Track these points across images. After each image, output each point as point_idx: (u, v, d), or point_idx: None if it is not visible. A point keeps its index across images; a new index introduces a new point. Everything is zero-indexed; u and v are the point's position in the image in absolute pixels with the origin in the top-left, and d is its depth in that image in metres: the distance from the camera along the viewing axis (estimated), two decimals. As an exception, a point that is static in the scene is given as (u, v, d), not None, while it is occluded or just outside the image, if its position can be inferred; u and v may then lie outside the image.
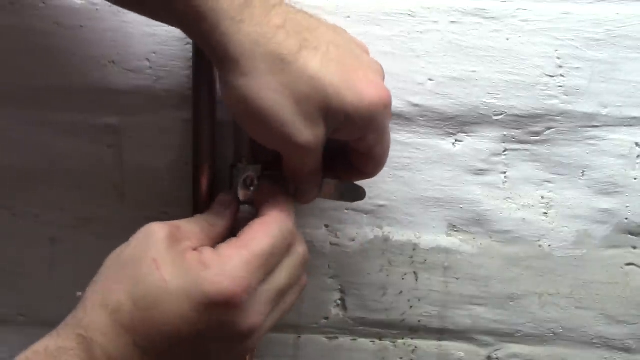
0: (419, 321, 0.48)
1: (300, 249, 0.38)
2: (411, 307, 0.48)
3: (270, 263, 0.36)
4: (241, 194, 0.41)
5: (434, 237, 0.48)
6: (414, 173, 0.47)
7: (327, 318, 0.48)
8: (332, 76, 0.34)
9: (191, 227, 0.37)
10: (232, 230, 0.39)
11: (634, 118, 0.46)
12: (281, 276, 0.37)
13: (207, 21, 0.33)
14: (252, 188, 0.41)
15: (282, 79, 0.34)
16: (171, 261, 0.34)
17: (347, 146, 0.39)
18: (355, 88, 0.35)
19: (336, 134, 0.37)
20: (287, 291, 0.38)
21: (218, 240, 0.38)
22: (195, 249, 0.36)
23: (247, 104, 0.34)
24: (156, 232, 0.35)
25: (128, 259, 0.35)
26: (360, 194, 0.43)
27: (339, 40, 0.37)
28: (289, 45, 0.34)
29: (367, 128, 0.36)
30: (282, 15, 0.34)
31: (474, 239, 0.48)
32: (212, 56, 0.35)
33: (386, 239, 0.48)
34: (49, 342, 0.33)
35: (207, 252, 0.35)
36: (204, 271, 0.33)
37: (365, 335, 0.49)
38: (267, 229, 0.36)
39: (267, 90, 0.34)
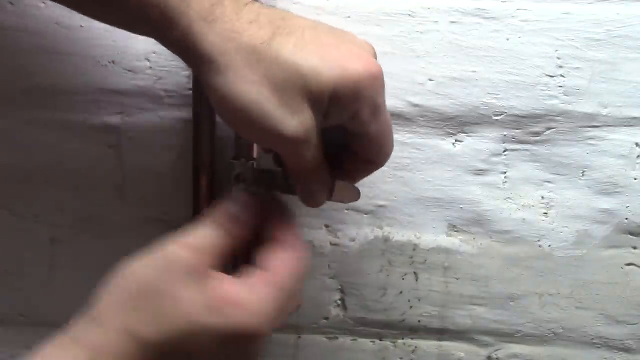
0: (419, 321, 0.48)
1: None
2: (411, 307, 0.48)
3: (292, 293, 0.36)
4: (234, 191, 0.40)
5: (434, 237, 0.48)
6: (414, 173, 0.47)
7: (327, 318, 0.48)
8: (308, 57, 0.33)
9: (209, 244, 0.35)
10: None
11: (634, 118, 0.46)
12: (294, 297, 0.37)
13: (180, 26, 0.32)
14: (242, 185, 0.40)
15: (258, 70, 0.33)
16: (201, 299, 0.32)
17: (347, 135, 0.37)
18: (336, 63, 0.33)
19: (328, 119, 0.35)
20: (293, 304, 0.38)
21: (237, 246, 0.36)
22: (212, 275, 0.34)
23: (227, 103, 0.33)
24: (179, 261, 0.33)
25: (149, 286, 0.33)
26: (352, 194, 0.41)
27: (317, 25, 0.35)
28: (261, 34, 0.33)
29: (356, 102, 0.34)
30: (255, 10, 0.34)
31: (474, 239, 0.48)
32: (189, 61, 0.34)
33: (386, 239, 0.48)
34: None
35: (235, 288, 0.34)
36: (234, 312, 0.33)
37: (365, 335, 0.49)
38: (296, 263, 0.36)
39: (244, 85, 0.33)
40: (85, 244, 0.47)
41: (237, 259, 0.38)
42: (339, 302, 0.48)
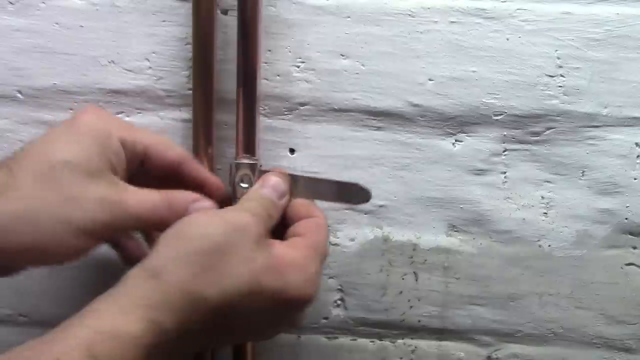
0: (419, 321, 0.48)
1: None
2: (411, 307, 0.48)
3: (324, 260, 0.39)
4: (238, 192, 0.41)
5: (434, 237, 0.48)
6: (414, 173, 0.47)
7: (327, 318, 0.48)
8: None
9: (264, 217, 0.37)
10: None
11: (634, 118, 0.46)
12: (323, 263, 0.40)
13: None
14: (246, 186, 0.40)
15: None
16: (265, 261, 0.34)
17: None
18: None
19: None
20: None
21: (270, 232, 0.38)
22: (274, 245, 0.36)
23: None
24: (249, 228, 0.35)
25: (218, 248, 0.33)
26: (363, 195, 0.41)
27: None
28: None
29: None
30: None
31: (474, 239, 0.48)
32: None
33: (386, 239, 0.48)
34: (115, 322, 0.30)
35: (292, 252, 0.36)
36: (292, 275, 0.35)
37: (365, 335, 0.49)
38: (326, 232, 0.39)
39: None
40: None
41: None
42: (339, 302, 0.48)
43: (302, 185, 0.41)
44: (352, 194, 0.41)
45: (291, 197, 0.40)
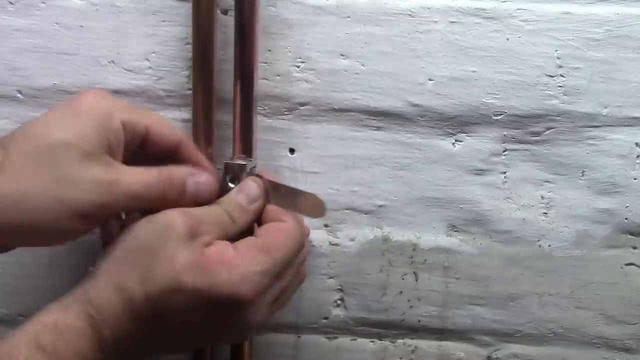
0: (419, 321, 0.48)
1: (306, 247, 0.40)
2: (411, 307, 0.48)
3: (285, 270, 0.37)
4: (225, 190, 0.40)
5: (434, 237, 0.48)
6: (414, 173, 0.47)
7: (327, 318, 0.48)
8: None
9: (211, 221, 0.36)
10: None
11: (634, 118, 0.46)
12: (288, 276, 0.38)
13: None
14: (234, 186, 0.40)
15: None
16: (189, 259, 0.34)
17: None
18: None
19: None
20: (290, 287, 0.39)
21: (235, 237, 0.37)
22: (212, 243, 0.35)
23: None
24: (176, 226, 0.34)
25: (145, 245, 0.34)
26: (318, 208, 0.39)
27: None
28: None
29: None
30: None
31: (474, 239, 0.48)
32: None
33: (386, 239, 0.48)
34: (57, 317, 0.33)
35: (228, 249, 0.35)
36: (224, 272, 0.34)
37: (365, 335, 0.49)
38: (290, 237, 0.37)
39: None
40: (85, 244, 0.47)
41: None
42: (339, 302, 0.48)
43: (280, 194, 0.39)
44: (310, 207, 0.39)
45: (269, 203, 0.39)
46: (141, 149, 0.38)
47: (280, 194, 0.39)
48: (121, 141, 0.36)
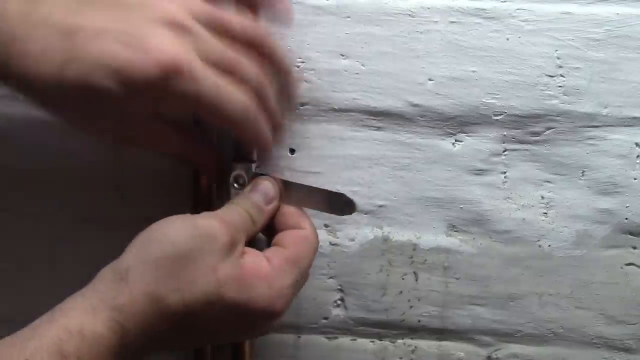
0: (419, 321, 0.48)
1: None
2: (411, 307, 0.48)
3: (305, 278, 0.38)
4: (232, 194, 0.41)
5: (434, 237, 0.48)
6: (414, 173, 0.47)
7: (327, 318, 0.48)
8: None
9: (241, 227, 0.36)
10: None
11: (634, 118, 0.46)
12: (305, 277, 0.39)
13: None
14: (239, 187, 0.40)
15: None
16: (230, 272, 0.34)
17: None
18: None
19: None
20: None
21: (253, 238, 0.38)
22: (245, 252, 0.35)
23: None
24: (218, 237, 0.34)
25: (186, 254, 0.33)
26: (349, 207, 0.40)
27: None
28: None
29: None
30: None
31: (474, 239, 0.48)
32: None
33: (386, 239, 0.48)
34: (83, 322, 0.31)
35: (263, 262, 0.35)
36: (262, 287, 0.34)
37: (365, 335, 0.49)
38: (311, 246, 0.38)
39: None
40: (85, 244, 0.47)
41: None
42: (339, 302, 0.48)
43: (293, 192, 0.40)
44: (339, 205, 0.40)
45: (281, 203, 0.40)
46: None
47: (294, 193, 0.40)
48: None
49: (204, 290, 0.33)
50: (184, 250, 0.33)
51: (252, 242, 0.38)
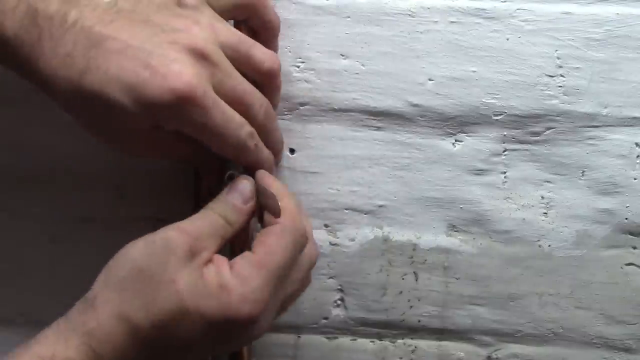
0: (419, 321, 0.48)
1: (310, 251, 0.39)
2: (411, 307, 0.48)
3: (285, 275, 0.36)
4: None
5: (434, 237, 0.48)
6: (414, 173, 0.47)
7: (327, 318, 0.48)
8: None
9: (209, 233, 0.35)
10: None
11: (634, 118, 0.46)
12: (292, 283, 0.37)
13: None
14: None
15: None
16: (191, 283, 0.33)
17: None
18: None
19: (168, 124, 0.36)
20: (296, 291, 0.39)
21: (230, 239, 0.37)
22: (211, 260, 0.35)
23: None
24: (176, 247, 0.33)
25: (145, 271, 0.33)
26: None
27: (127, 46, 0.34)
28: (74, 71, 0.34)
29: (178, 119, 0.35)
30: (72, 40, 0.34)
31: (474, 239, 0.48)
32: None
33: (386, 239, 0.48)
34: (55, 349, 0.31)
35: (226, 271, 0.34)
36: (226, 296, 0.33)
37: (365, 335, 0.49)
38: (283, 241, 0.36)
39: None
40: (85, 244, 0.47)
41: (236, 245, 0.39)
42: (339, 302, 0.48)
43: (263, 196, 0.38)
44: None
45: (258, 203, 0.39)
46: None
47: (263, 196, 0.38)
48: None
49: (166, 304, 0.32)
50: (143, 267, 0.33)
51: (246, 242, 0.38)
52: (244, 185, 0.38)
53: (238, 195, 0.38)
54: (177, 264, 0.33)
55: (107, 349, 0.32)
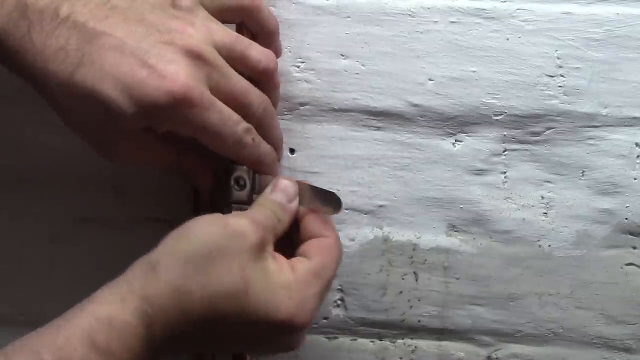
0: (419, 321, 0.48)
1: None
2: (411, 307, 0.48)
3: (328, 289, 0.38)
4: (233, 195, 0.40)
5: (434, 237, 0.48)
6: (414, 173, 0.47)
7: (327, 318, 0.48)
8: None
9: (269, 227, 0.36)
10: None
11: (634, 118, 0.46)
12: (328, 288, 0.39)
13: None
14: (239, 188, 0.40)
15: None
16: (256, 275, 0.34)
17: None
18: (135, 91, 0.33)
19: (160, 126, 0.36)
20: None
21: (280, 236, 0.38)
22: (273, 256, 0.36)
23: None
24: (248, 236, 0.34)
25: (215, 251, 0.33)
26: (335, 203, 0.40)
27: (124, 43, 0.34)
28: (66, 66, 0.33)
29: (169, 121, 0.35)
30: (64, 35, 0.33)
31: (474, 239, 0.48)
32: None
33: (386, 239, 0.48)
34: (112, 310, 0.31)
35: (289, 272, 0.35)
36: (285, 297, 0.34)
37: (365, 335, 0.49)
38: (335, 256, 0.38)
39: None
40: (85, 244, 0.47)
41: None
42: (339, 302, 0.48)
43: (306, 193, 0.40)
44: (332, 204, 0.40)
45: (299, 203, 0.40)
46: None
47: (304, 192, 0.40)
48: None
49: (229, 287, 0.33)
50: (214, 247, 0.33)
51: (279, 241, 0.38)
52: (287, 185, 0.39)
53: (283, 194, 0.38)
54: (248, 253, 0.34)
55: (160, 318, 0.32)
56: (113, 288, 0.32)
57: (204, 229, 0.34)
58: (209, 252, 0.33)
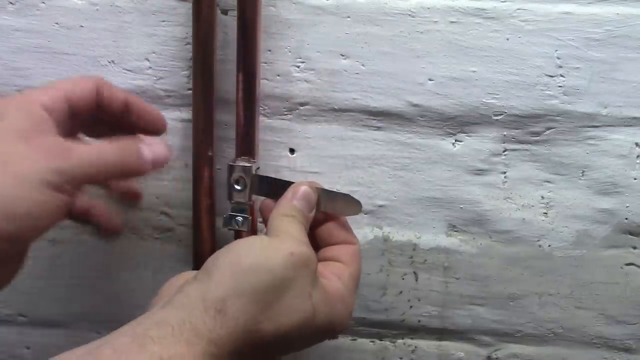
0: (419, 321, 0.48)
1: None
2: (411, 307, 0.48)
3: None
4: (234, 195, 0.40)
5: (434, 237, 0.48)
6: (414, 173, 0.47)
7: (327, 318, 0.48)
8: None
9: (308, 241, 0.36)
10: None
11: (634, 118, 0.46)
12: None
13: None
14: (240, 188, 0.40)
15: None
16: (321, 297, 0.34)
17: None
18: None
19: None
20: None
21: None
22: (320, 273, 0.36)
23: None
24: (310, 263, 0.34)
25: (282, 283, 0.33)
26: (355, 207, 0.40)
27: None
28: None
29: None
30: None
31: (474, 239, 0.48)
32: None
33: (386, 239, 0.48)
34: (178, 353, 0.29)
35: (338, 283, 0.37)
36: (342, 308, 0.36)
37: (365, 335, 0.49)
38: (360, 261, 0.39)
39: None
40: (85, 244, 0.47)
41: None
42: (339, 302, 0.48)
43: (321, 197, 0.39)
44: (351, 207, 0.40)
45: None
46: (96, 113, 0.38)
47: (322, 198, 0.39)
48: (62, 116, 0.36)
49: (299, 316, 0.33)
50: (282, 279, 0.33)
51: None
52: (309, 194, 0.39)
53: (306, 204, 0.38)
54: (312, 278, 0.34)
55: (230, 356, 0.31)
56: (172, 328, 0.30)
57: (269, 260, 0.33)
58: (278, 285, 0.33)
